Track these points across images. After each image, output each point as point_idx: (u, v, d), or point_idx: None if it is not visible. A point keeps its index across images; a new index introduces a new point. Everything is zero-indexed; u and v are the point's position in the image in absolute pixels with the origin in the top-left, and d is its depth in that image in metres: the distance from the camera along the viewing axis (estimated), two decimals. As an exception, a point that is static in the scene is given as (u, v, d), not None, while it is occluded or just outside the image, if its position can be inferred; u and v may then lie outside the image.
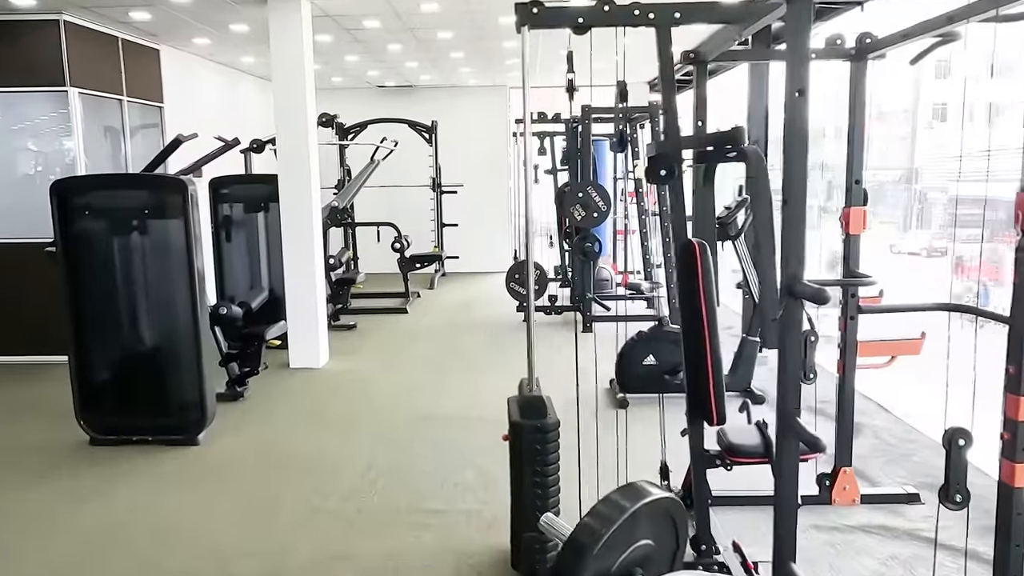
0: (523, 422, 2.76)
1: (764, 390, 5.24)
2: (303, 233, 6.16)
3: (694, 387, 2.82)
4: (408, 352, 6.91)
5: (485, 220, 12.11)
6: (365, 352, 6.91)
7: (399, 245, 8.96)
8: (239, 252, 6.95)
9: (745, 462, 2.84)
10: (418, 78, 10.96)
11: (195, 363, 4.48)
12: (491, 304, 9.35)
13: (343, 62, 9.33)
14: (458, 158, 11.73)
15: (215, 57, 8.84)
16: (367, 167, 9.32)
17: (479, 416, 5.02)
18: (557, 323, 8.04)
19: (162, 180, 4.47)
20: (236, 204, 6.94)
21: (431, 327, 8.04)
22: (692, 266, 2.71)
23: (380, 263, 10.72)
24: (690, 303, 2.75)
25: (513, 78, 11.25)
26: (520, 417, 2.81)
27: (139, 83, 7.34)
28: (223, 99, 9.48)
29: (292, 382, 5.88)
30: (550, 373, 6.31)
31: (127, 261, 4.45)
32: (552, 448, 2.74)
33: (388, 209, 11.40)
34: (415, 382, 5.90)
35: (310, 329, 6.26)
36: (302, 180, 6.12)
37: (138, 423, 4.54)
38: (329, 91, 11.63)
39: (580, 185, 7.56)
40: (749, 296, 5.21)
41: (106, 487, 4.05)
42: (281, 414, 5.15)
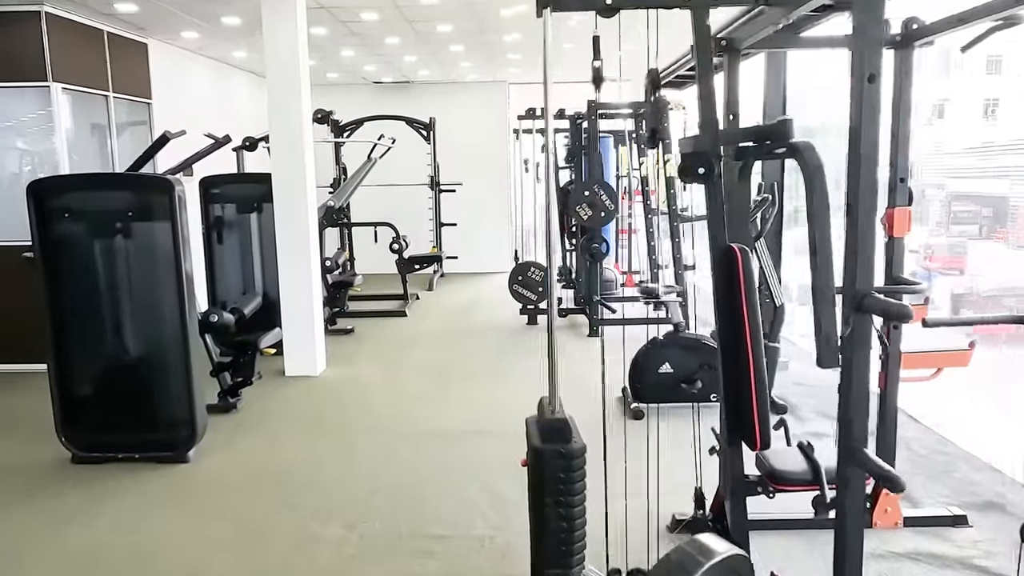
0: (545, 447, 2.49)
1: (784, 398, 4.98)
2: (298, 235, 5.87)
3: (733, 407, 2.56)
4: (408, 358, 6.63)
5: (484, 219, 11.83)
6: (364, 358, 6.63)
7: (397, 246, 8.68)
8: (231, 255, 6.66)
9: (790, 490, 2.58)
10: (416, 73, 10.67)
11: (184, 375, 4.19)
12: (493, 306, 9.07)
13: (339, 57, 9.04)
14: (457, 156, 11.45)
15: (205, 51, 8.54)
16: (364, 165, 9.03)
17: (486, 429, 4.75)
18: (562, 326, 7.77)
19: (147, 180, 4.19)
20: (228, 204, 6.64)
21: (431, 331, 7.76)
22: (732, 274, 2.44)
23: (376, 263, 10.43)
24: (730, 315, 2.48)
25: (514, 74, 10.97)
26: (541, 442, 2.53)
27: (126, 78, 7.03)
28: (214, 95, 9.17)
29: (288, 392, 5.59)
30: (559, 379, 6.04)
31: (110, 266, 4.16)
32: (578, 476, 2.47)
33: (385, 208, 11.10)
34: (417, 391, 5.62)
35: (306, 335, 5.98)
36: (297, 179, 5.83)
37: (123, 439, 4.26)
38: (324, 87, 11.32)
39: (587, 183, 7.30)
40: (769, 300, 4.95)
41: (90, 507, 3.76)
42: (276, 427, 4.87)
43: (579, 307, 8.06)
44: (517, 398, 5.33)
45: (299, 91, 5.76)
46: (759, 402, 2.42)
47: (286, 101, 5.76)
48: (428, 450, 4.42)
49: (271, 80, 5.79)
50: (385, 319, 8.34)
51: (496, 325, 7.96)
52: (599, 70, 2.76)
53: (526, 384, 5.63)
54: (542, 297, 7.75)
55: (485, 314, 8.64)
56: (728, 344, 2.53)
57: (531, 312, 7.83)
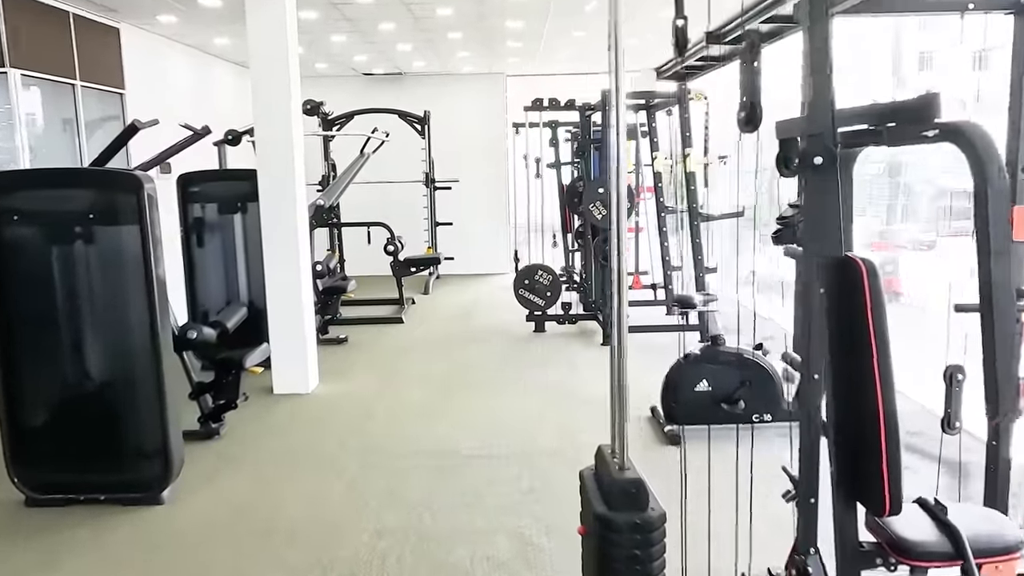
0: (615, 517, 1.94)
1: (833, 418, 4.45)
2: (286, 237, 5.29)
3: (849, 459, 2.03)
4: (408, 370, 6.05)
5: (482, 218, 11.27)
6: (359, 371, 6.05)
7: (393, 248, 8.10)
8: (213, 260, 6.06)
9: (923, 565, 2.04)
10: (410, 64, 10.08)
11: (156, 401, 3.61)
12: (494, 311, 8.51)
13: (328, 44, 8.43)
14: (452, 152, 10.88)
15: (184, 38, 7.91)
16: (356, 161, 8.44)
17: (496, 452, 4.19)
18: (572, 334, 7.22)
19: (111, 176, 3.59)
20: (209, 204, 6.04)
21: (431, 339, 7.19)
22: (854, 294, 1.91)
23: (368, 265, 9.85)
24: (849, 344, 1.95)
25: (512, 64, 10.41)
26: (607, 507, 1.98)
27: (95, 66, 6.41)
28: (194, 86, 8.54)
29: (277, 413, 5.01)
30: (575, 396, 5.37)
31: (68, 276, 3.57)
32: (657, 553, 1.93)
33: (377, 207, 10.50)
34: (420, 409, 5.05)
35: (296, 349, 5.40)
36: (285, 176, 5.25)
37: (85, 478, 3.67)
38: (312, 79, 10.69)
39: (601, 179, 6.76)
40: (818, 309, 4.42)
41: (46, 560, 3.19)
42: (264, 457, 4.29)
43: (589, 312, 7.52)
44: (528, 417, 4.79)
45: (287, 77, 5.18)
46: (890, 457, 1.88)
47: (272, 88, 5.18)
48: (435, 481, 3.85)
49: (256, 65, 5.20)
50: (380, 326, 7.76)
51: (499, 332, 7.40)
52: (683, 29, 2.19)
53: (537, 400, 5.10)
54: (550, 303, 7.21)
55: (486, 319, 8.08)
56: (843, 382, 2.00)
57: (539, 319, 7.27)
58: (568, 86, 8.90)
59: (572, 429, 4.55)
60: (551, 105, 7.42)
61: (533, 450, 4.21)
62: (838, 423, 2.05)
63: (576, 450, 4.16)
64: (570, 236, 9.76)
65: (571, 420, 4.70)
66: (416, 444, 4.38)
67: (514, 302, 7.37)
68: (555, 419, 4.75)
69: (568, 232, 9.77)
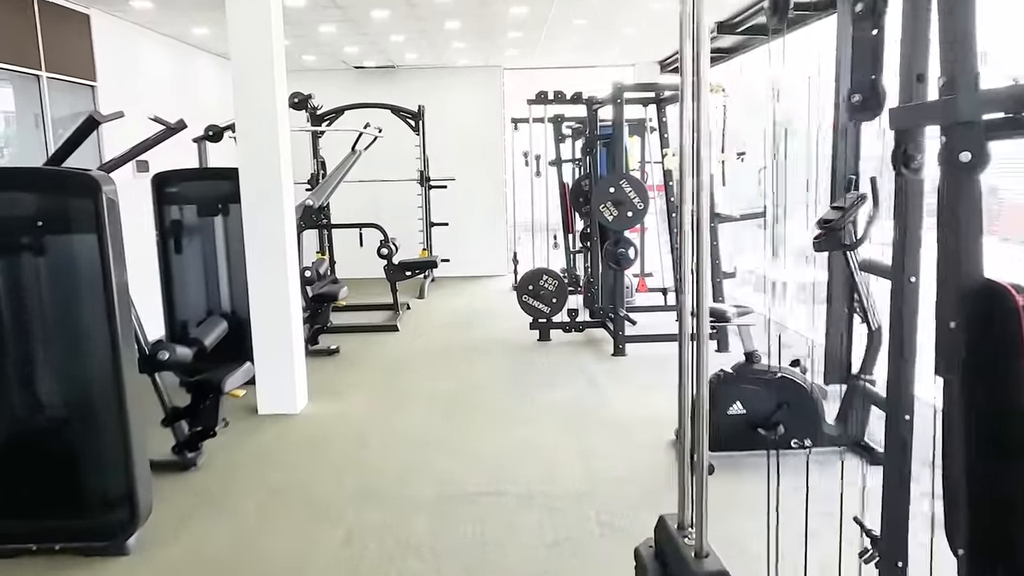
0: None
1: (876, 440, 4.02)
2: (271, 242, 4.81)
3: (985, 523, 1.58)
4: (407, 387, 5.57)
5: (479, 218, 10.81)
6: (353, 388, 5.57)
7: (386, 250, 7.61)
8: (193, 267, 5.57)
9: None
10: (402, 56, 9.59)
11: (119, 435, 3.13)
12: (495, 317, 8.04)
13: (316, 35, 7.94)
14: (447, 149, 10.41)
15: (161, 28, 7.39)
16: (347, 158, 7.96)
17: (515, 491, 3.72)
18: (579, 343, 6.77)
19: (62, 178, 3.09)
20: (187, 206, 5.55)
21: (430, 350, 6.71)
22: (1006, 329, 1.46)
23: (360, 267, 9.38)
24: (992, 387, 1.51)
25: (510, 57, 9.94)
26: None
27: (63, 56, 5.90)
28: (174, 79, 8.02)
29: (261, 439, 4.52)
30: (592, 418, 4.76)
31: (15, 294, 3.08)
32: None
33: (369, 207, 10.03)
34: (422, 434, 4.57)
35: (283, 365, 4.92)
36: (269, 175, 4.77)
37: (39, 525, 3.18)
38: (300, 73, 10.19)
39: (612, 178, 6.30)
40: (863, 322, 3.99)
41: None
42: (247, 494, 3.80)
43: (597, 320, 7.07)
44: (541, 445, 4.30)
45: (271, 68, 4.69)
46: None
47: (255, 80, 4.69)
48: (451, 530, 3.36)
49: (237, 55, 4.71)
50: (374, 335, 7.28)
51: (501, 341, 6.93)
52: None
53: (550, 423, 4.63)
54: (556, 310, 6.75)
55: (486, 327, 7.61)
56: (982, 431, 1.56)
57: (543, 327, 6.81)
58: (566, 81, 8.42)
59: (594, 461, 4.09)
60: (557, 98, 6.94)
61: (552, 489, 3.74)
62: (969, 478, 1.60)
63: (604, 491, 3.71)
64: (571, 237, 9.32)
65: (592, 449, 4.24)
66: (418, 479, 3.91)
67: (514, 307, 6.92)
68: (573, 447, 4.29)
69: (570, 233, 9.32)
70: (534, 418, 4.79)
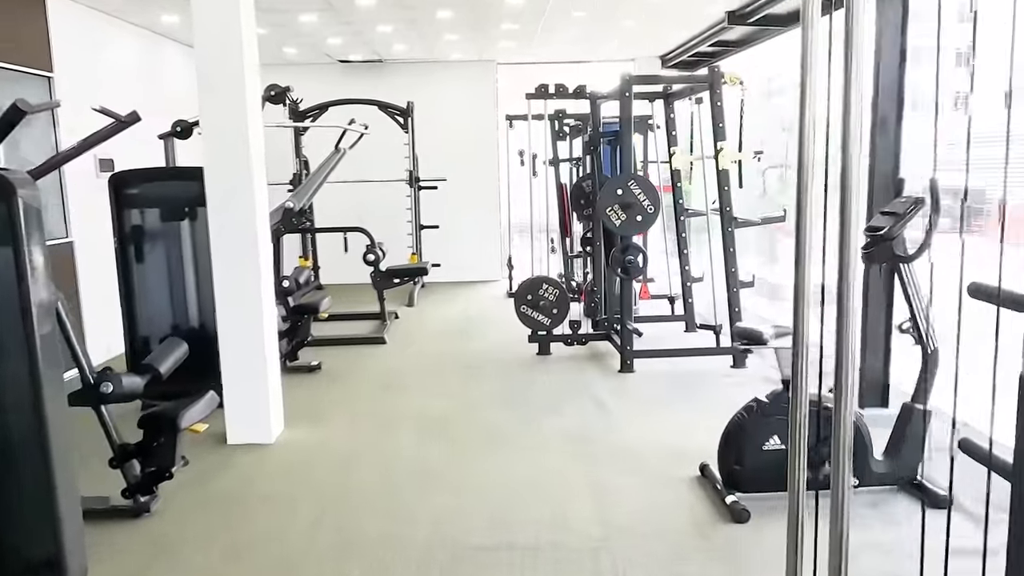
0: None
1: (933, 479, 3.53)
2: (241, 251, 4.27)
3: None
4: (395, 409, 5.03)
5: (472, 221, 10.28)
6: (335, 411, 5.03)
7: (373, 256, 7.08)
8: (156, 278, 5.02)
9: None
10: (390, 49, 9.04)
11: (42, 484, 2.57)
12: (490, 326, 7.52)
13: (297, 25, 7.38)
14: (438, 147, 9.88)
15: (127, 15, 6.82)
16: (331, 157, 7.41)
17: (524, 543, 3.18)
18: (582, 357, 6.25)
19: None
20: (150, 209, 5.00)
21: (420, 365, 6.17)
22: None
23: (345, 272, 8.87)
24: None
25: (505, 50, 9.41)
26: None
27: (13, 43, 5.33)
28: (142, 70, 7.44)
29: (228, 476, 3.97)
30: (604, 446, 4.18)
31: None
32: None
33: (355, 209, 9.50)
34: (411, 468, 4.03)
35: (255, 388, 4.38)
36: (238, 175, 4.23)
37: (-52, 599, 2.63)
38: (281, 67, 9.65)
39: (620, 179, 5.78)
40: (919, 344, 3.49)
41: None
42: (207, 545, 3.26)
43: (601, 332, 6.56)
44: (550, 482, 3.73)
45: (239, 55, 4.16)
46: None
47: (223, 67, 4.16)
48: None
49: (202, 39, 4.17)
50: (359, 348, 6.73)
51: (497, 354, 6.41)
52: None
53: (557, 455, 4.10)
54: (557, 321, 6.23)
55: (481, 338, 7.08)
56: None
57: (543, 340, 6.29)
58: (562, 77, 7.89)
59: (608, 501, 3.57)
60: (558, 93, 6.41)
61: (563, 539, 3.22)
62: None
63: (622, 540, 3.19)
64: (569, 240, 8.81)
65: (604, 485, 3.73)
66: (408, 526, 3.38)
67: (510, 314, 6.39)
68: (583, 482, 3.78)
69: (568, 236, 8.82)
70: (537, 446, 4.26)
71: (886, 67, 4.31)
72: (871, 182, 4.31)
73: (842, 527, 1.90)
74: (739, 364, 5.73)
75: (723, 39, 8.27)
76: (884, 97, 4.29)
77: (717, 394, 5.13)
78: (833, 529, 1.90)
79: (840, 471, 1.92)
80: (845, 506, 1.88)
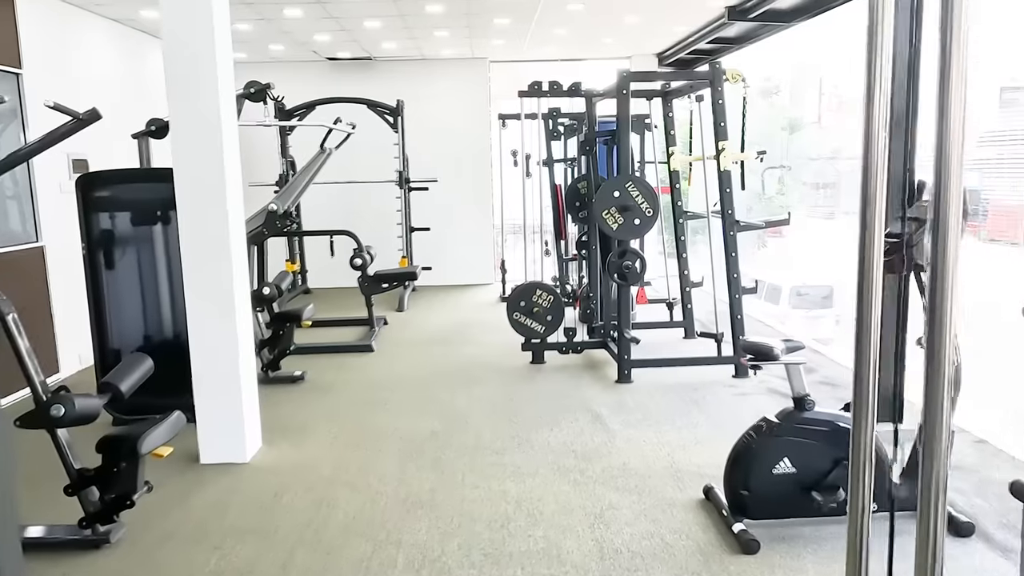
0: None
1: (973, 517, 3.27)
2: (215, 256, 4.00)
3: None
4: (377, 426, 4.76)
5: (463, 223, 10.03)
6: (316, 428, 4.76)
7: (360, 261, 6.81)
8: (128, 285, 4.75)
9: None
10: (379, 47, 8.78)
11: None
12: (482, 332, 7.26)
13: (281, 20, 7.12)
14: (429, 147, 9.63)
15: (103, 9, 6.54)
16: (316, 157, 7.17)
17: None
18: (578, 366, 5.99)
19: None
20: (120, 213, 4.73)
21: (408, 375, 5.91)
22: None
23: (333, 276, 8.64)
24: None
25: (497, 48, 9.16)
26: None
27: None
28: (119, 67, 7.16)
29: (196, 502, 3.70)
30: (605, 466, 3.89)
31: None
32: None
33: (344, 211, 9.25)
34: (400, 495, 3.75)
35: (229, 403, 4.11)
36: (211, 177, 3.96)
37: None
38: (268, 64, 9.41)
39: (617, 181, 5.52)
40: (940, 359, 3.24)
41: None
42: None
43: (597, 340, 6.31)
44: (544, 510, 3.41)
45: (212, 45, 3.88)
46: None
47: (194, 60, 3.88)
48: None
49: (171, 28, 3.90)
50: (345, 356, 6.47)
51: (489, 363, 6.15)
52: None
53: (554, 477, 3.83)
54: (551, 329, 5.98)
55: (473, 344, 6.82)
56: None
57: (537, 348, 6.04)
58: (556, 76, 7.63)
59: (609, 530, 3.31)
60: (552, 90, 6.16)
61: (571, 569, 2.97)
62: None
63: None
64: (564, 243, 8.55)
65: (603, 511, 3.47)
66: (388, 565, 3.11)
67: (503, 320, 6.14)
68: (580, 508, 3.51)
69: (563, 239, 8.55)
70: (531, 468, 4.00)
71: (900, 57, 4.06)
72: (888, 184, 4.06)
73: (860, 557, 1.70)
74: (741, 374, 5.48)
75: (722, 36, 8.04)
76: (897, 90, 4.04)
77: (719, 407, 4.89)
78: (851, 559, 1.71)
79: (860, 495, 1.72)
80: (865, 533, 1.68)
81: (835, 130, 22.69)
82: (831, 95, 24.28)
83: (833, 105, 24.28)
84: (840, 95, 24.16)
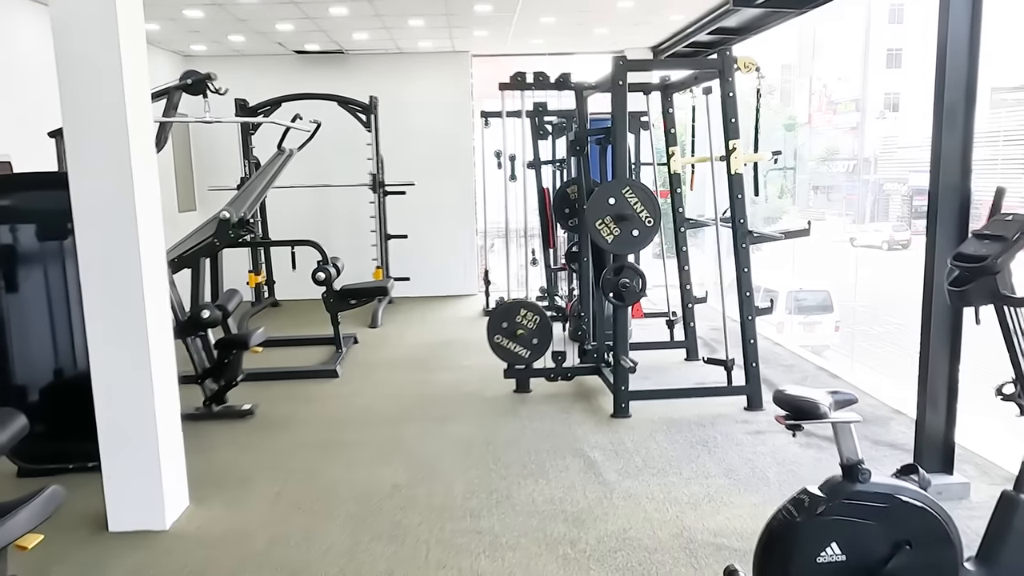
0: None
1: None
2: (122, 279, 3.27)
3: None
4: (335, 479, 3.99)
5: (444, 230, 9.30)
6: (259, 477, 4.01)
7: (323, 275, 6.08)
8: (32, 310, 4.00)
9: None
10: (350, 38, 8.05)
11: None
12: (462, 353, 6.54)
13: (234, 6, 6.38)
14: (406, 148, 8.91)
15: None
16: (274, 159, 6.43)
17: None
18: (567, 396, 5.27)
19: None
20: (22, 225, 3.98)
21: (374, 410, 5.16)
22: None
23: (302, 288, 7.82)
24: None
25: (479, 40, 8.45)
26: None
27: None
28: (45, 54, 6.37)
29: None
30: (595, 530, 3.05)
31: None
32: None
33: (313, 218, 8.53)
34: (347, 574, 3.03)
35: (144, 455, 3.36)
36: (116, 182, 3.22)
37: None
38: (231, 58, 8.67)
39: (612, 186, 4.79)
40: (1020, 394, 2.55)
41: None
42: None
43: (589, 365, 5.59)
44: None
45: (114, 13, 3.15)
46: None
47: (87, 31, 3.15)
48: None
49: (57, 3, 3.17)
50: (305, 384, 5.72)
51: (468, 392, 5.43)
52: None
53: (529, 542, 3.09)
54: (537, 354, 5.26)
55: (451, 371, 6.07)
56: None
57: (522, 376, 5.32)
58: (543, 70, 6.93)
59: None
60: (538, 83, 5.43)
61: None
62: None
63: None
64: (552, 252, 7.85)
65: None
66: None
67: (485, 337, 5.38)
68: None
69: (551, 247, 7.85)
70: (511, 537, 3.27)
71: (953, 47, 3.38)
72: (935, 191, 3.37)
73: None
74: (755, 406, 4.79)
75: (723, 25, 7.35)
76: (952, 84, 3.36)
77: (733, 449, 4.19)
78: None
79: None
80: None
81: (826, 131, 22.24)
82: (820, 95, 23.84)
83: (823, 106, 23.83)
84: (830, 95, 23.69)
